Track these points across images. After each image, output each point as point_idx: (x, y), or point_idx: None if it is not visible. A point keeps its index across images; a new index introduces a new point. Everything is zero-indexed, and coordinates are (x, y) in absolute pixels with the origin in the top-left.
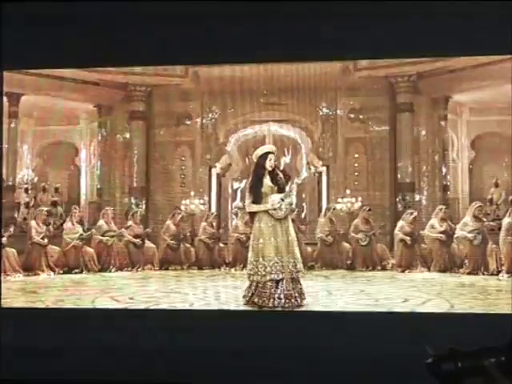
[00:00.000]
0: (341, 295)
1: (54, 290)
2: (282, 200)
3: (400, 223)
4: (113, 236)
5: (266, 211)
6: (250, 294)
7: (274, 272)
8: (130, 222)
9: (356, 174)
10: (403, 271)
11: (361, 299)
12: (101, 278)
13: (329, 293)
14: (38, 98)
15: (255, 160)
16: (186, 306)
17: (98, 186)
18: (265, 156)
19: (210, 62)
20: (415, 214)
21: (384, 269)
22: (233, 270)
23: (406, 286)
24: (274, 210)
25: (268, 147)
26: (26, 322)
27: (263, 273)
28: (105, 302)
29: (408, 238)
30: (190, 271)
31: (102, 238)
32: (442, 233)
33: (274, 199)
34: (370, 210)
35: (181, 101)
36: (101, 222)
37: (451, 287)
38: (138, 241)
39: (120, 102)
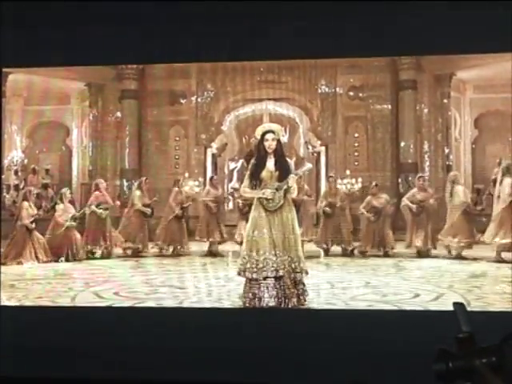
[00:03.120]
0: (344, 289)
1: (34, 284)
2: (277, 190)
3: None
4: (106, 208)
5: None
6: (248, 288)
7: (267, 269)
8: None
9: (356, 153)
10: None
11: (367, 293)
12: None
13: (331, 285)
14: (27, 76)
15: (258, 139)
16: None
17: (90, 168)
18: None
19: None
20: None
21: (387, 255)
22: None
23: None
24: (266, 200)
25: (268, 125)
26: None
27: (255, 269)
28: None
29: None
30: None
31: (96, 210)
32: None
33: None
34: (376, 185)
35: (174, 79)
36: (96, 193)
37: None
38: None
39: (111, 80)
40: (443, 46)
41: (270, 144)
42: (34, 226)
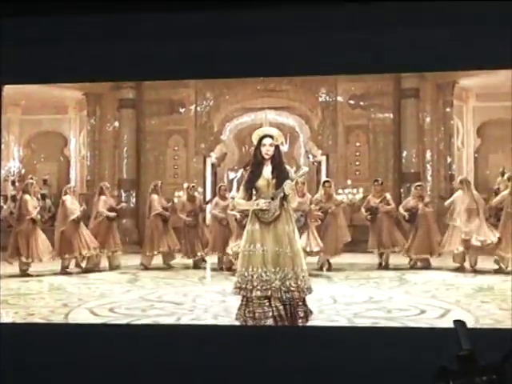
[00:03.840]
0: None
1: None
2: (272, 199)
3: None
4: (116, 211)
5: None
6: (242, 312)
7: (260, 287)
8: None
9: (357, 163)
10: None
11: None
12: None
13: (334, 300)
14: (25, 85)
15: (255, 144)
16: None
17: (88, 178)
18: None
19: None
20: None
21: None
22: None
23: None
24: (261, 210)
25: (266, 129)
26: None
27: (249, 287)
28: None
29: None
30: None
31: (110, 214)
32: None
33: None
34: (382, 183)
35: (173, 88)
36: (103, 198)
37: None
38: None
39: (109, 89)
40: (444, 63)
41: (267, 150)
42: (39, 217)
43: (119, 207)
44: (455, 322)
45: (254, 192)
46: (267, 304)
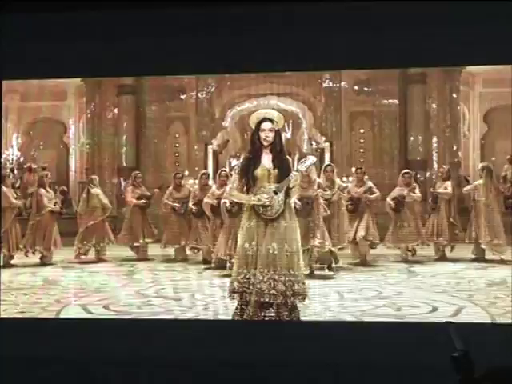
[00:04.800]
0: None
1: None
2: (275, 193)
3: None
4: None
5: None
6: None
7: (252, 291)
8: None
9: (362, 150)
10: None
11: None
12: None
13: (340, 296)
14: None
15: (253, 128)
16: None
17: (87, 166)
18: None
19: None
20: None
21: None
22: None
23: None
24: (263, 206)
25: (265, 112)
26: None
27: (248, 291)
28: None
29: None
30: None
31: (139, 202)
32: None
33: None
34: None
35: None
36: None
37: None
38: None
39: None
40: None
41: (266, 135)
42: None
43: (151, 194)
44: (447, 323)
45: (250, 182)
46: (264, 309)
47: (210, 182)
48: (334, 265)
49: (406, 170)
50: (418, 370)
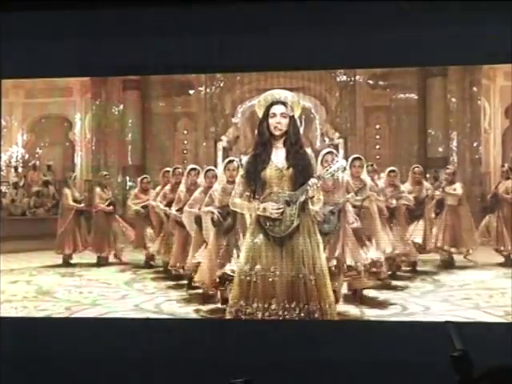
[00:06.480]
0: None
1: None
2: (288, 204)
3: None
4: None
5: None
6: None
7: None
8: None
9: (378, 147)
10: None
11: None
12: None
13: None
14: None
15: (260, 116)
16: None
17: (91, 165)
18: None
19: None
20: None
21: None
22: None
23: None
24: (270, 220)
25: (278, 92)
26: None
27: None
28: None
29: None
30: None
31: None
32: None
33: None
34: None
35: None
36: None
37: None
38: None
39: None
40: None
41: (277, 121)
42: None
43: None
44: (447, 323)
45: (258, 187)
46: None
47: (200, 180)
48: None
49: (391, 168)
50: (418, 370)
